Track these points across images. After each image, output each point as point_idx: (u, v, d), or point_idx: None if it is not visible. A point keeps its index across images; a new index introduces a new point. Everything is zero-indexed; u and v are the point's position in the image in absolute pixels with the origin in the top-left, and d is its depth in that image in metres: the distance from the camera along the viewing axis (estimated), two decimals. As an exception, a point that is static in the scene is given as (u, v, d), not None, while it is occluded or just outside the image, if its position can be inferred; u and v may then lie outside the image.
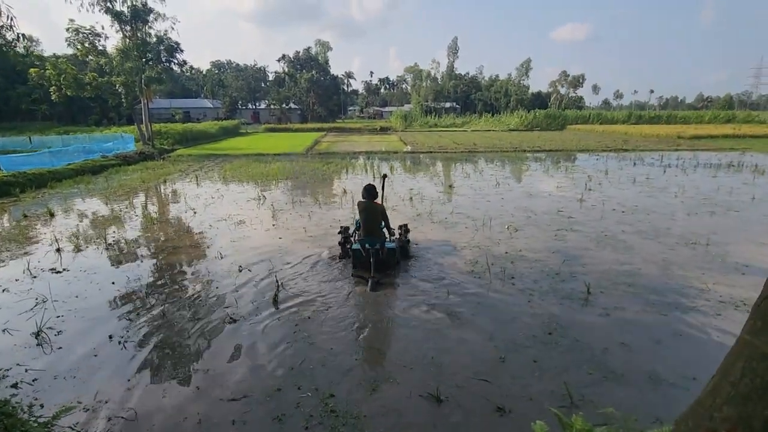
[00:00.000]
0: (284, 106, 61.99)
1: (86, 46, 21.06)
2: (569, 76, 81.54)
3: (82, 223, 8.61)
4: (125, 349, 4.07)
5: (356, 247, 5.81)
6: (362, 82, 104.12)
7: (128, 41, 21.93)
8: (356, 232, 6.21)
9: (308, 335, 4.25)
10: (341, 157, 21.18)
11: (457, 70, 76.33)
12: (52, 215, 9.18)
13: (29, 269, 6.04)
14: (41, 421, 2.89)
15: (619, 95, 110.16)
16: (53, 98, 21.83)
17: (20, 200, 11.10)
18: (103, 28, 28.43)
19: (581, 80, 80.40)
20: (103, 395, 3.44)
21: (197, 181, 13.59)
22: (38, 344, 4.18)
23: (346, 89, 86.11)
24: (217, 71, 72.37)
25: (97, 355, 3.99)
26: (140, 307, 4.89)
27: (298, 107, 66.10)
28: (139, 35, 22.08)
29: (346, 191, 11.48)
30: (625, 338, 4.16)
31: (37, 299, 5.11)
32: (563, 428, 2.55)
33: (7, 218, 9.17)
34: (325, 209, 9.67)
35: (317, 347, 4.04)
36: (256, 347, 4.06)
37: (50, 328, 4.47)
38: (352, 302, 4.93)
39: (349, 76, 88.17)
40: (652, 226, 7.92)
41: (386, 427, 3.07)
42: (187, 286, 5.46)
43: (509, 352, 3.94)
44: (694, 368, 3.70)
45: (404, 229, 6.53)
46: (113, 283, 5.55)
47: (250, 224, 8.32)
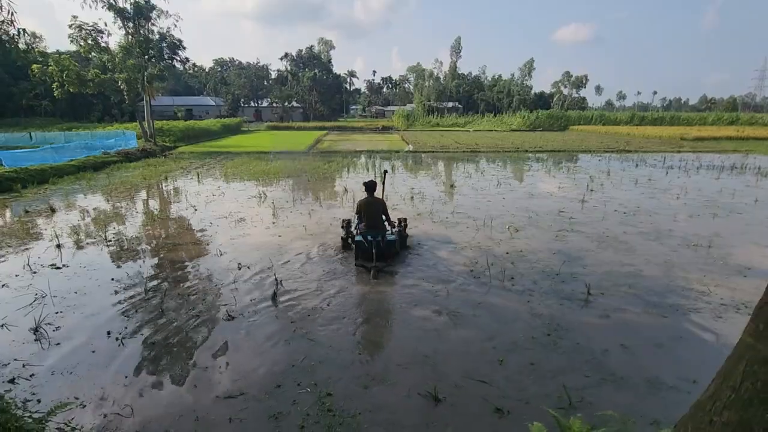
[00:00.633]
0: (286, 104, 62.02)
1: (89, 42, 21.07)
2: (572, 76, 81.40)
3: (83, 219, 8.62)
4: (123, 345, 4.06)
5: (359, 238, 6.14)
6: (365, 81, 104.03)
7: (131, 38, 21.94)
8: (358, 226, 6.41)
9: (306, 332, 4.24)
10: (343, 155, 21.17)
11: (459, 69, 76.23)
12: (53, 211, 9.20)
13: (29, 265, 6.05)
14: (36, 416, 2.88)
15: (622, 96, 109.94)
16: (55, 95, 21.85)
17: (22, 196, 11.12)
18: (105, 24, 28.40)
19: (584, 81, 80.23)
20: (99, 392, 3.44)
21: (198, 178, 13.60)
22: (36, 339, 4.18)
23: (348, 88, 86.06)
24: (219, 69, 72.48)
25: (94, 351, 3.99)
26: (139, 303, 4.88)
27: (300, 105, 66.09)
28: (141, 32, 22.09)
29: (347, 190, 11.47)
30: (625, 340, 4.14)
31: (36, 295, 5.11)
32: (561, 430, 2.53)
33: (8, 214, 9.19)
34: (325, 207, 9.66)
35: (315, 344, 4.03)
36: (253, 344, 4.05)
37: (49, 323, 4.46)
38: (351, 300, 4.91)
39: (351, 75, 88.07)
40: (654, 227, 7.89)
41: (383, 426, 3.06)
42: (186, 282, 5.46)
43: (508, 353, 3.92)
44: (694, 371, 3.67)
45: (404, 222, 6.89)
46: (113, 279, 5.55)
47: (250, 222, 8.32)
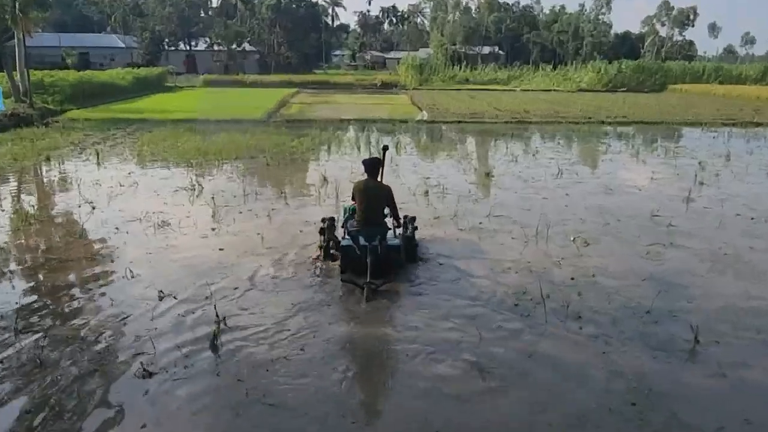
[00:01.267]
0: (235, 47, 62.13)
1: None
2: (673, 9, 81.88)
3: None
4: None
5: (347, 243, 6.32)
6: (355, 13, 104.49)
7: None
8: (347, 223, 6.67)
9: (264, 394, 4.26)
10: (321, 126, 21.19)
11: (501, -3, 76.75)
12: None
13: None
14: None
15: (749, 40, 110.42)
16: None
17: None
18: None
19: (692, 17, 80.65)
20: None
21: (98, 159, 13.63)
22: None
23: (330, 23, 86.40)
24: (132, -8, 72.56)
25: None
26: (5, 350, 4.88)
27: (256, 50, 66.23)
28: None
29: (326, 179, 11.51)
30: (751, 413, 4.15)
31: None
32: None
33: None
34: (293, 206, 9.67)
35: (280, 414, 4.05)
36: (183, 419, 4.05)
37: None
38: (332, 342, 4.93)
39: (335, 3, 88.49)
40: (796, 241, 7.95)
41: None
42: (78, 319, 5.45)
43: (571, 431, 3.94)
44: None
45: (411, 222, 7.04)
46: (-35, 313, 5.55)
47: (177, 227, 8.34)
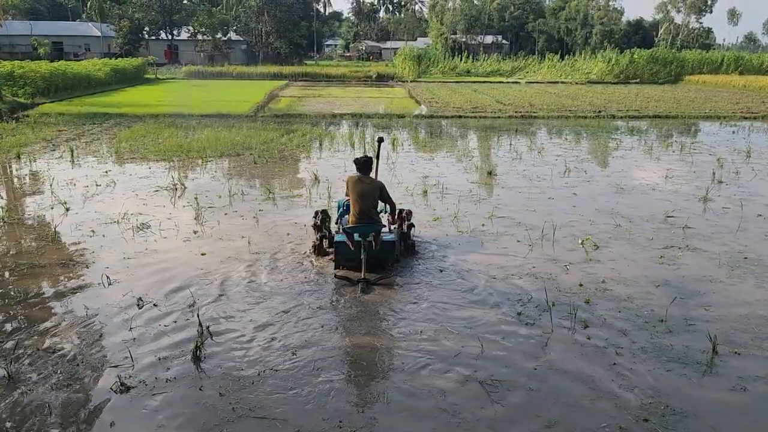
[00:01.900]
0: (220, 36, 62.03)
1: None
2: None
3: None
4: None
5: (341, 238, 6.73)
6: (349, 0, 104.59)
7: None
8: (341, 219, 7.07)
9: (251, 408, 4.26)
10: (312, 122, 21.22)
11: (505, -18, 76.95)
12: None
13: None
14: None
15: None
16: None
17: None
18: None
19: (709, 2, 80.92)
20: None
21: (73, 157, 13.61)
22: None
23: (322, 11, 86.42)
24: (110, -23, 72.47)
25: None
26: (-28, 364, 4.86)
27: (243, 39, 66.15)
28: None
29: (318, 178, 11.52)
30: (772, 428, 4.17)
31: None
32: None
33: None
34: (282, 207, 9.67)
35: (271, 428, 4.05)
36: (161, 434, 4.04)
37: None
38: (323, 351, 4.93)
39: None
40: (820, 243, 7.97)
41: None
42: (51, 329, 5.44)
43: (581, 448, 3.94)
44: None
45: (406, 216, 7.51)
46: (-72, 323, 5.53)
47: (157, 230, 8.35)
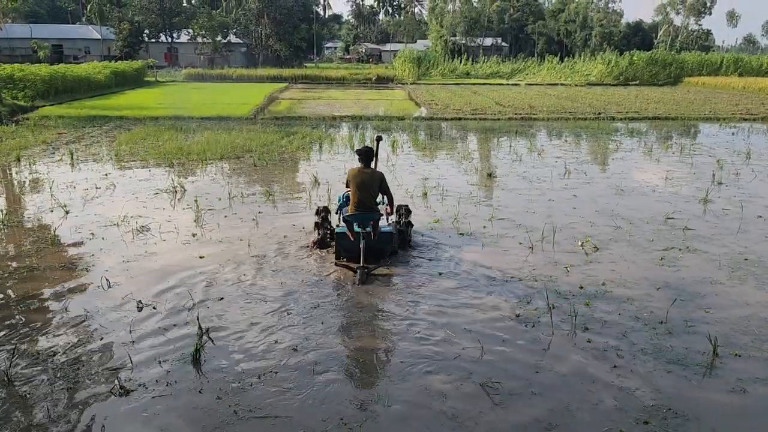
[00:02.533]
0: (220, 39, 62.08)
1: None
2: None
3: None
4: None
5: (341, 230, 7.14)
6: (349, 2, 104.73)
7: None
8: (340, 210, 7.37)
9: (252, 409, 4.26)
10: (312, 124, 21.21)
11: (504, -15, 77.05)
12: None
13: None
14: None
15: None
16: None
17: None
18: None
19: (708, 4, 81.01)
20: None
21: (73, 160, 13.61)
22: None
23: (322, 14, 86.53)
24: (109, -20, 72.55)
25: None
26: (-29, 367, 4.86)
27: (243, 42, 66.19)
28: None
29: (318, 180, 11.52)
30: (773, 430, 4.16)
31: None
32: None
33: None
34: (281, 210, 9.67)
35: (275, 426, 4.05)
36: (161, 437, 4.04)
37: None
38: (324, 353, 4.93)
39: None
40: (820, 245, 7.97)
41: None
42: (50, 332, 5.44)
43: (581, 450, 3.93)
44: None
45: (404, 210, 7.87)
46: (-73, 326, 5.52)
47: (157, 233, 8.35)
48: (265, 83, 42.43)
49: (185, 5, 65.78)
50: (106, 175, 12.18)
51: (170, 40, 65.10)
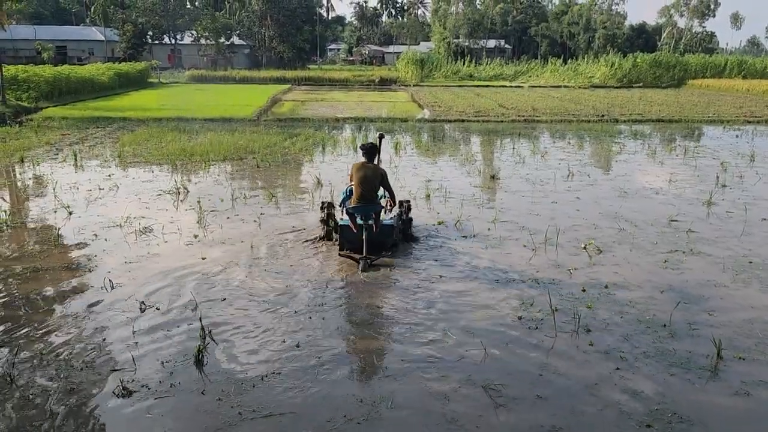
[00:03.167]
0: (223, 41, 62.17)
1: None
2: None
3: None
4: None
5: (344, 222, 7.43)
6: (352, 4, 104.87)
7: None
8: (344, 203, 7.64)
9: (255, 409, 4.26)
10: (315, 126, 21.22)
11: (508, -13, 77.03)
12: None
13: None
14: None
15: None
16: None
17: None
18: None
19: (712, 6, 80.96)
20: None
21: (76, 161, 13.63)
22: None
23: (325, 16, 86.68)
24: (113, -18, 72.72)
25: None
26: (-26, 367, 4.87)
27: (246, 43, 66.28)
28: None
29: (321, 182, 11.53)
30: (777, 434, 4.15)
31: None
32: None
33: None
34: (285, 211, 9.68)
35: (280, 423, 4.04)
36: (163, 438, 4.04)
37: None
38: (326, 355, 4.93)
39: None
40: (825, 248, 7.95)
41: None
42: (53, 332, 5.46)
43: (584, 453, 3.93)
44: None
45: (405, 206, 8.19)
46: (-69, 326, 5.53)
47: (160, 234, 8.36)
48: (268, 85, 42.45)
49: (189, 7, 65.83)
50: (109, 176, 12.21)
51: (174, 41, 65.21)
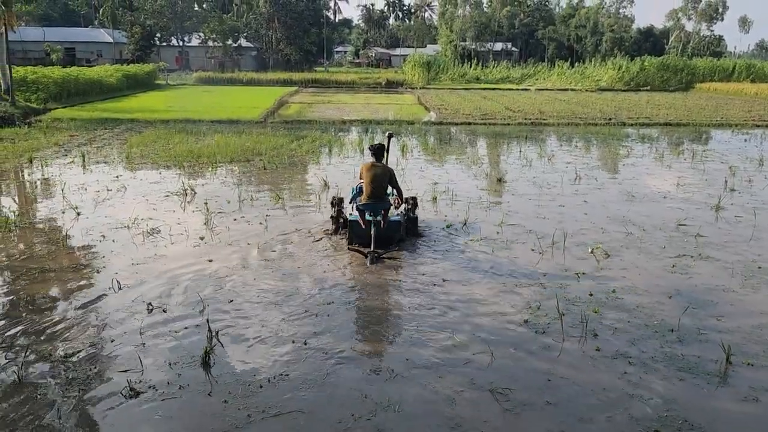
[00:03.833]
0: (230, 43, 62.43)
1: None
2: (701, 2, 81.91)
3: None
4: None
5: (354, 218, 7.81)
6: (359, 7, 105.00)
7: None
8: (354, 200, 8.01)
9: (263, 410, 4.26)
10: (321, 128, 21.25)
11: (515, -10, 76.91)
12: None
13: None
14: None
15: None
16: None
17: None
18: None
19: (720, 9, 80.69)
20: None
21: (84, 162, 13.69)
22: None
23: (332, 18, 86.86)
24: (122, -16, 73.07)
25: None
26: (-18, 367, 4.88)
27: (253, 46, 66.59)
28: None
29: (327, 184, 11.53)
30: (787, 441, 4.12)
31: None
32: None
33: None
34: (291, 213, 9.69)
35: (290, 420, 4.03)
36: (170, 440, 4.04)
37: None
38: (333, 357, 4.93)
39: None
40: (834, 253, 7.90)
41: None
42: (60, 332, 5.47)
43: (592, 458, 3.91)
44: None
45: (412, 203, 8.44)
46: (-60, 326, 5.56)
47: (167, 235, 8.38)
48: (275, 87, 42.58)
49: (197, 9, 66.11)
50: (117, 177, 12.25)
51: (181, 43, 65.49)
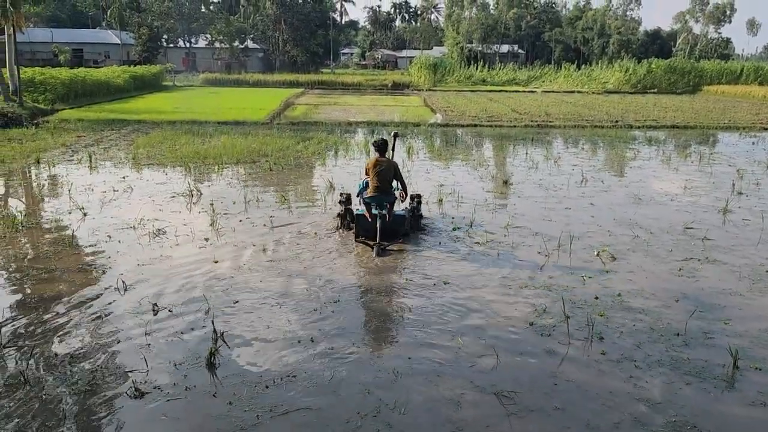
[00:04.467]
0: (237, 45, 62.59)
1: None
2: (708, 4, 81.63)
3: None
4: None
5: (360, 212, 8.18)
6: (365, 9, 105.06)
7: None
8: (361, 194, 8.28)
9: (270, 409, 4.26)
10: (328, 129, 21.28)
11: (521, -8, 76.76)
12: None
13: None
14: None
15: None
16: None
17: None
18: None
19: (728, 12, 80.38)
20: None
21: (91, 162, 13.74)
22: None
23: (338, 20, 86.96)
24: (130, -14, 73.37)
25: None
26: (-11, 367, 4.90)
27: (260, 47, 66.73)
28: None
29: (333, 186, 11.54)
30: (795, 446, 4.09)
31: None
32: None
33: None
34: (297, 214, 9.69)
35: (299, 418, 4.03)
36: (175, 441, 4.05)
37: None
38: (339, 360, 4.93)
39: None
40: (843, 257, 7.84)
41: None
42: (66, 333, 5.49)
43: (598, 463, 3.89)
44: None
45: (417, 200, 8.86)
46: (-53, 326, 5.58)
47: (173, 236, 8.40)
48: (281, 88, 42.70)
49: (204, 11, 66.33)
50: (123, 178, 12.30)
51: (188, 45, 65.72)
